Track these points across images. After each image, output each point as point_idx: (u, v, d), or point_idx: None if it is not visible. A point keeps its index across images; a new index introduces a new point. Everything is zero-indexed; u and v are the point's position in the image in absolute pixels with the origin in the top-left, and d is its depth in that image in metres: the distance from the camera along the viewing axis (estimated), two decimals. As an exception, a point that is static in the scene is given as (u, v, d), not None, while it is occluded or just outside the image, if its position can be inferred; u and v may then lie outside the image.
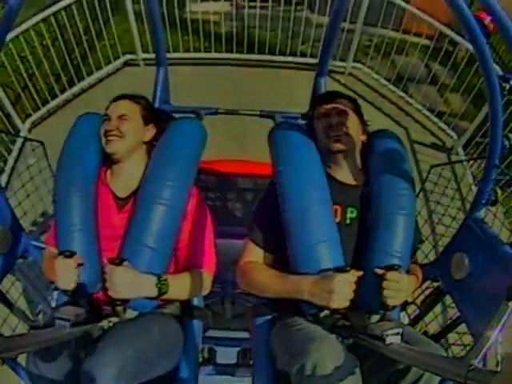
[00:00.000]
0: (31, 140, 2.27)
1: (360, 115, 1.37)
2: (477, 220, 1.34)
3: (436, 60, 3.79)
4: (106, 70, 3.92)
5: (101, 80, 3.92)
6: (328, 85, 1.97)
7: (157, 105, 1.97)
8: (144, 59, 4.01)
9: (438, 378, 1.04)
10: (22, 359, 1.18)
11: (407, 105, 3.93)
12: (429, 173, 2.03)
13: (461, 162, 3.34)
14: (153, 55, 1.92)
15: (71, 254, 1.16)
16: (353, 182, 1.32)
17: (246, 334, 1.72)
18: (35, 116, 3.57)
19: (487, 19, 0.96)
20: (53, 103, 3.65)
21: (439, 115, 3.79)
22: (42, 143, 1.97)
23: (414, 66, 3.86)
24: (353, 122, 1.32)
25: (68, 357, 1.11)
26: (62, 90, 3.71)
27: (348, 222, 1.28)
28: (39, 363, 1.11)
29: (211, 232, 1.37)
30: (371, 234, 1.24)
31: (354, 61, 4.11)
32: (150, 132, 1.37)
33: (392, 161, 1.31)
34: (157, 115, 1.43)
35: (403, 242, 1.22)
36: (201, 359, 1.62)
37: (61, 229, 1.25)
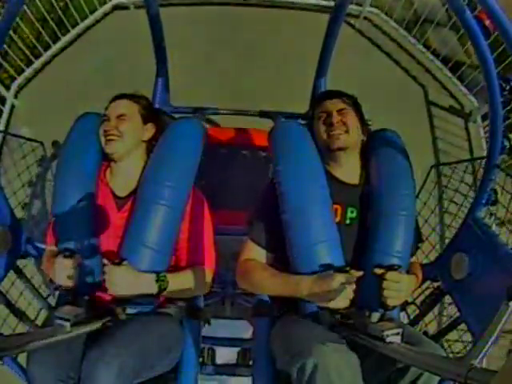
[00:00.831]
0: (31, 140, 2.27)
1: (360, 114, 1.37)
2: (477, 220, 1.34)
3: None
4: (92, 17, 3.52)
5: (88, 28, 3.53)
6: (342, 30, 1.81)
7: (157, 105, 1.97)
8: (133, 2, 3.59)
9: (437, 377, 1.04)
10: (22, 359, 1.18)
11: (428, 60, 3.47)
12: (429, 173, 2.03)
13: (461, 161, 3.34)
14: None
15: (71, 254, 1.16)
16: (353, 182, 1.32)
17: (246, 334, 1.72)
18: (20, 79, 3.29)
19: (487, 20, 0.96)
20: (38, 62, 3.35)
21: (457, 65, 3.35)
22: (41, 143, 1.97)
23: (432, 7, 3.37)
24: (353, 121, 1.31)
25: (68, 356, 1.11)
26: (46, 48, 3.37)
27: (348, 221, 1.28)
28: (39, 363, 1.11)
29: (211, 231, 1.37)
30: (371, 233, 1.24)
31: (371, 6, 3.59)
32: (150, 131, 1.37)
33: (392, 160, 1.31)
34: (156, 114, 1.43)
35: (403, 242, 1.22)
36: (201, 359, 1.62)
37: (60, 228, 1.25)
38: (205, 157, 1.35)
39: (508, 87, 3.21)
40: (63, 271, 1.13)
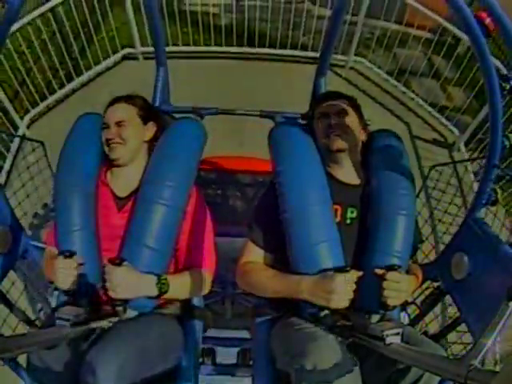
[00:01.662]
0: (31, 140, 2.27)
1: (360, 115, 1.37)
2: (477, 220, 1.34)
3: (438, 54, 3.73)
4: (104, 64, 3.84)
5: (99, 74, 3.87)
6: (329, 79, 1.93)
7: (157, 105, 1.97)
8: (143, 53, 3.93)
9: (438, 378, 1.04)
10: (22, 359, 1.18)
11: (409, 100, 3.89)
12: (428, 173, 2.03)
13: (461, 162, 3.34)
14: (151, 49, 1.90)
15: (71, 254, 1.15)
16: (353, 182, 1.32)
17: (246, 334, 1.73)
18: (33, 112, 3.53)
19: (487, 19, 0.96)
20: (51, 99, 3.61)
21: (441, 110, 3.73)
22: (42, 143, 1.97)
23: (416, 59, 3.79)
24: (353, 122, 1.32)
25: (68, 357, 1.11)
26: (61, 86, 3.65)
27: (348, 221, 1.28)
28: (39, 363, 1.11)
29: (211, 231, 1.37)
30: (371, 234, 1.24)
31: (356, 54, 4.03)
32: (151, 130, 1.37)
33: (392, 160, 1.31)
34: (155, 112, 1.44)
35: (403, 242, 1.22)
36: (201, 359, 1.62)
37: (61, 229, 1.25)
38: (200, 183, 1.37)
39: (508, 87, 3.21)
40: (63, 271, 1.13)
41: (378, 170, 1.31)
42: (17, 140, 3.25)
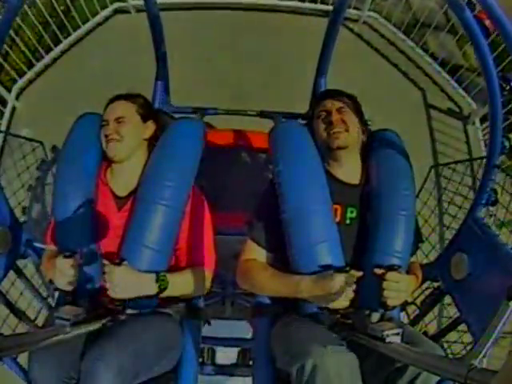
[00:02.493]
0: (31, 140, 2.27)
1: (360, 113, 1.37)
2: (477, 220, 1.34)
3: None
4: (94, 20, 3.56)
5: (90, 32, 3.56)
6: (340, 33, 1.84)
7: (157, 105, 1.97)
8: (134, 6, 3.61)
9: (435, 377, 1.04)
10: (22, 359, 1.18)
11: (426, 64, 3.51)
12: (428, 173, 2.03)
13: (460, 162, 3.34)
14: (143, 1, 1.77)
15: (71, 254, 1.15)
16: (353, 182, 1.32)
17: (246, 334, 1.73)
18: (22, 81, 3.30)
19: (487, 20, 0.96)
20: (39, 65, 3.35)
21: (456, 68, 3.41)
22: (41, 143, 1.97)
23: (430, 11, 3.43)
24: (353, 120, 1.31)
25: (68, 356, 1.11)
26: (48, 51, 3.39)
27: (348, 221, 1.28)
28: (40, 363, 1.11)
29: (211, 231, 1.37)
30: (371, 233, 1.24)
31: (370, 10, 3.64)
32: (150, 129, 1.37)
33: (392, 160, 1.31)
34: (154, 110, 1.44)
35: (403, 242, 1.22)
36: (201, 359, 1.62)
37: (60, 228, 1.25)
38: (204, 159, 1.35)
39: (508, 87, 3.22)
40: (63, 271, 1.13)
41: (378, 169, 1.31)
42: (7, 112, 3.13)
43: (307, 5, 3.68)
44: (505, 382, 0.50)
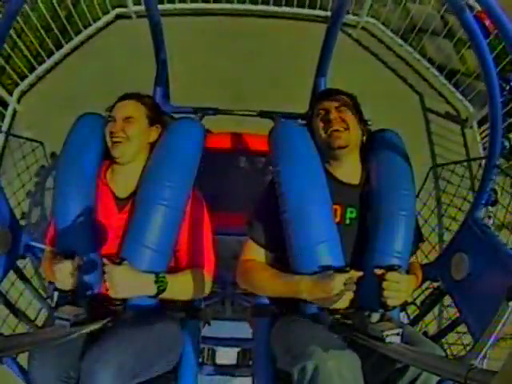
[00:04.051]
0: (31, 140, 2.27)
1: (360, 112, 1.37)
2: (477, 220, 1.34)
3: (453, 12, 3.50)
4: (95, 25, 3.61)
5: (91, 36, 3.62)
6: (338, 39, 1.86)
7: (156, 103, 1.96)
8: (136, 12, 3.67)
9: (435, 377, 1.04)
10: (22, 359, 1.18)
11: (424, 69, 3.59)
12: (428, 173, 2.03)
13: (461, 161, 3.34)
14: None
15: (71, 254, 1.15)
16: (353, 182, 1.32)
17: (246, 334, 1.72)
18: (23, 85, 3.34)
19: (487, 20, 0.96)
20: (41, 68, 3.39)
21: (453, 73, 3.48)
22: (41, 143, 1.97)
23: (429, 16, 3.50)
24: (352, 119, 1.31)
25: (68, 356, 1.11)
26: (50, 54, 3.43)
27: (348, 222, 1.28)
28: (40, 363, 1.11)
29: (210, 232, 1.37)
30: (371, 234, 1.24)
31: (368, 16, 3.72)
32: (155, 133, 1.36)
33: (392, 160, 1.31)
34: (161, 115, 1.43)
35: (403, 242, 1.22)
36: (201, 359, 1.62)
37: (60, 228, 1.25)
38: (203, 163, 1.36)
39: (508, 87, 3.22)
40: (63, 272, 1.13)
41: (378, 169, 1.30)
42: (9, 113, 3.16)
43: (306, 11, 3.74)
44: (505, 383, 0.50)
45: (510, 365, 0.48)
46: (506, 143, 3.09)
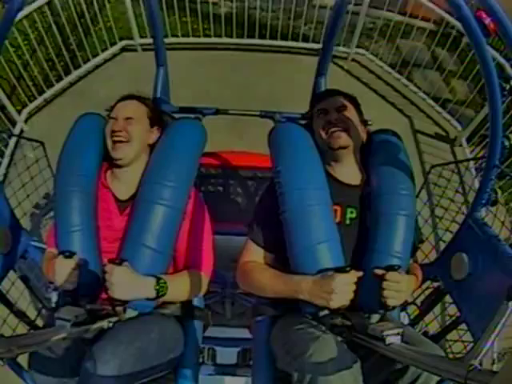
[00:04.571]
0: (31, 140, 2.27)
1: (360, 112, 1.37)
2: (477, 220, 1.34)
3: (442, 46, 3.69)
4: (102, 56, 3.82)
5: (98, 66, 3.85)
6: (330, 70, 1.92)
7: (156, 105, 1.96)
8: (141, 44, 3.91)
9: (436, 377, 1.04)
10: (22, 359, 1.18)
11: (412, 93, 3.86)
12: (428, 173, 2.03)
13: (461, 161, 3.34)
14: (150, 40, 1.90)
15: (71, 255, 1.16)
16: (353, 182, 1.32)
17: (246, 334, 1.73)
18: (31, 106, 3.51)
19: (487, 19, 0.96)
20: (49, 92, 3.59)
21: (444, 103, 3.71)
22: (41, 143, 1.97)
23: (419, 51, 3.78)
24: (353, 119, 1.31)
25: (68, 356, 1.11)
26: (58, 79, 3.65)
27: (348, 222, 1.28)
28: (39, 363, 1.11)
29: (210, 233, 1.37)
30: (371, 234, 1.24)
31: (358, 46, 4.02)
32: (155, 134, 1.37)
33: (392, 161, 1.31)
34: (161, 117, 1.43)
35: (403, 242, 1.22)
36: (201, 359, 1.62)
37: (61, 229, 1.25)
38: (200, 183, 1.37)
39: (508, 87, 3.21)
40: (63, 272, 1.13)
41: (377, 169, 1.30)
42: (15, 139, 3.23)
43: (300, 44, 4.02)
44: (505, 383, 0.50)
45: (510, 365, 0.48)
46: (506, 143, 3.08)
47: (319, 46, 3.77)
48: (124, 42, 3.95)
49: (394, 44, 3.90)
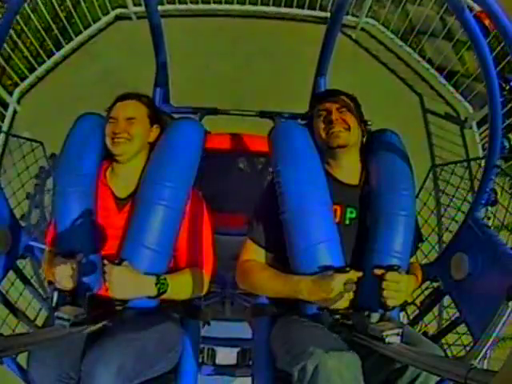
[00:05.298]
0: (31, 140, 2.27)
1: (360, 112, 1.37)
2: (477, 220, 1.34)
3: (453, 14, 3.36)
4: (95, 26, 3.63)
5: (91, 37, 3.64)
6: (338, 40, 1.86)
7: (156, 105, 1.97)
8: (135, 12, 3.69)
9: (435, 377, 1.04)
10: (22, 359, 1.18)
11: (423, 69, 3.60)
12: (429, 173, 2.03)
13: (461, 161, 3.34)
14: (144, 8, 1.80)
15: (71, 254, 1.15)
16: (352, 182, 1.32)
17: (246, 334, 1.73)
18: (23, 85, 3.36)
19: (487, 20, 0.96)
20: (41, 69, 3.41)
21: (452, 74, 3.50)
22: (41, 143, 1.97)
23: (427, 18, 3.51)
24: (353, 119, 1.31)
25: (68, 356, 1.11)
26: (50, 54, 3.47)
27: (347, 222, 1.28)
28: (40, 363, 1.11)
29: (210, 232, 1.37)
30: (371, 234, 1.24)
31: (367, 16, 3.72)
32: (155, 133, 1.37)
33: (392, 160, 1.31)
34: (160, 115, 1.44)
35: (403, 242, 1.22)
36: (201, 359, 1.62)
37: (60, 229, 1.25)
38: (202, 164, 1.36)
39: (508, 87, 3.22)
40: (63, 271, 1.13)
41: (377, 169, 1.30)
42: (8, 114, 3.19)
43: (306, 12, 3.76)
44: (505, 383, 0.50)
45: (510, 365, 0.48)
46: (506, 143, 3.09)
47: (326, 14, 3.57)
48: (117, 11, 3.72)
49: (404, 11, 3.60)
